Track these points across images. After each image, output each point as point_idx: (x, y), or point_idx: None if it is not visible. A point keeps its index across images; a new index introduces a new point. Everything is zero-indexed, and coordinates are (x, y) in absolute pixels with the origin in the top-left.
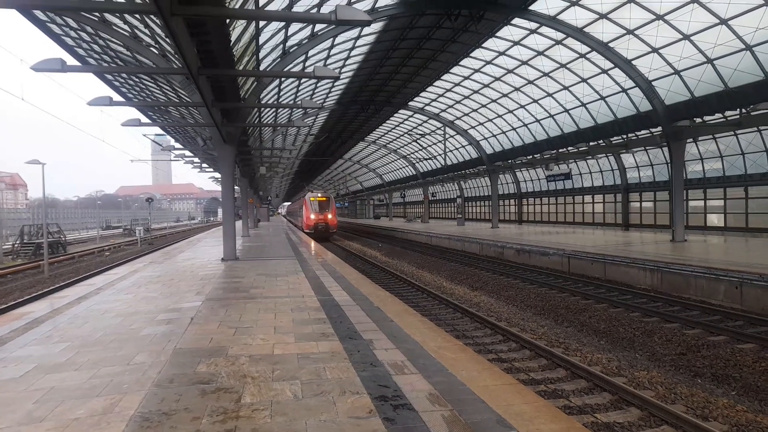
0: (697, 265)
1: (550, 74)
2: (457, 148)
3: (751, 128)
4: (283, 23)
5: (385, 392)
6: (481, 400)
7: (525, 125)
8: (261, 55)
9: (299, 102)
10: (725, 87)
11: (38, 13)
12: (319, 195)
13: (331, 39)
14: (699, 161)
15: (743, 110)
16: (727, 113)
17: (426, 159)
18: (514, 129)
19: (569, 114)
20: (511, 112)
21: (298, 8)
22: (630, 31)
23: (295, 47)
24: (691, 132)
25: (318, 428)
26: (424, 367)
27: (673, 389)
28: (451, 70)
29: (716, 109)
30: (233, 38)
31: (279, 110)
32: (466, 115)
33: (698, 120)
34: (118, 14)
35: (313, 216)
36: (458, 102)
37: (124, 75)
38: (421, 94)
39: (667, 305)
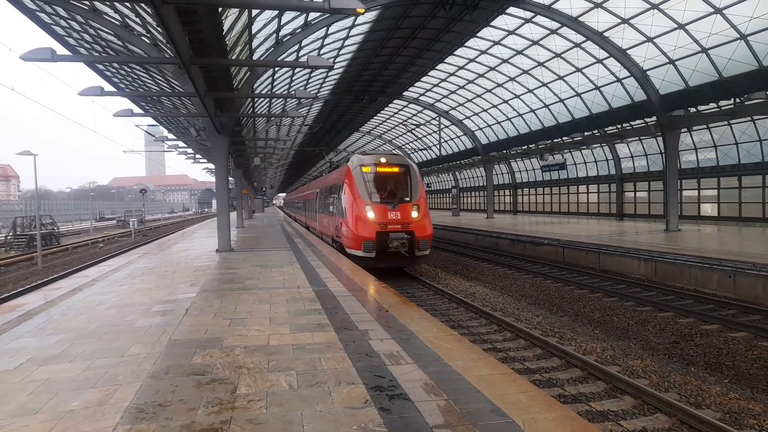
0: (690, 254)
1: (545, 64)
2: (452, 139)
3: (744, 118)
4: (276, 12)
5: (381, 382)
6: (476, 390)
7: (520, 115)
8: (254, 44)
9: (293, 92)
10: (719, 76)
11: (27, 2)
12: (383, 160)
13: (325, 28)
14: (693, 151)
15: (737, 100)
16: (721, 103)
17: (421, 149)
18: (509, 119)
19: (564, 104)
20: (505, 102)
21: None
22: (625, 20)
23: (289, 36)
24: (685, 121)
25: (313, 418)
26: (419, 358)
27: (666, 377)
28: (445, 60)
29: (710, 98)
30: (226, 27)
31: (273, 100)
32: (461, 105)
33: (692, 110)
34: (108, 3)
35: (372, 214)
36: (453, 92)
37: (115, 65)
38: (416, 85)
39: (661, 294)
